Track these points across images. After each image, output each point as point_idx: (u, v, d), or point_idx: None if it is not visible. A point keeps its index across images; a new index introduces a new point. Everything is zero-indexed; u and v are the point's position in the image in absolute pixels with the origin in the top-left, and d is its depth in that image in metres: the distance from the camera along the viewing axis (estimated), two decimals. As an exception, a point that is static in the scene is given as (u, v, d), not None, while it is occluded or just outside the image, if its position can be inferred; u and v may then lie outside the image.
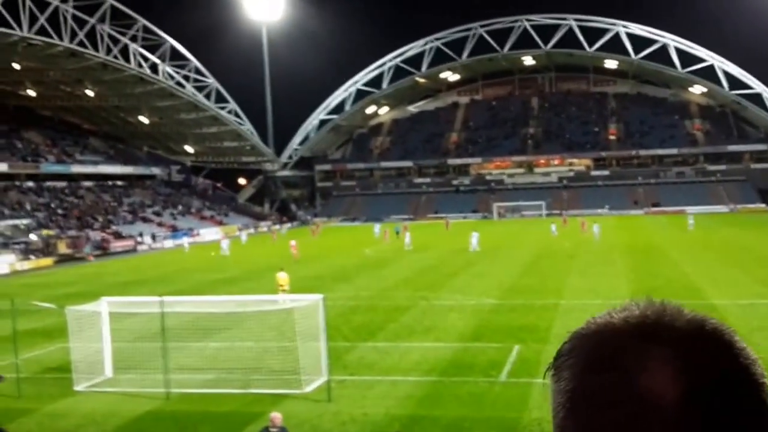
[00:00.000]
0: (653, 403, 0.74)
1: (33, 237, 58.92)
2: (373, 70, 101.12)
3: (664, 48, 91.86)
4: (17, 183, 71.26)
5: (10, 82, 75.21)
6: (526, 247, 47.06)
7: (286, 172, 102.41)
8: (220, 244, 54.73)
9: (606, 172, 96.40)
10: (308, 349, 16.86)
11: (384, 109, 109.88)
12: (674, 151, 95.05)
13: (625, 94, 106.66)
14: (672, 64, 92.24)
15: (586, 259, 39.32)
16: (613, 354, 0.78)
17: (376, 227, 66.49)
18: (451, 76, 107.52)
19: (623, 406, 0.75)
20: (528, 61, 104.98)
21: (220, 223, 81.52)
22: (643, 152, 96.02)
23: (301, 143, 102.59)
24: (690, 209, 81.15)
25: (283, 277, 26.96)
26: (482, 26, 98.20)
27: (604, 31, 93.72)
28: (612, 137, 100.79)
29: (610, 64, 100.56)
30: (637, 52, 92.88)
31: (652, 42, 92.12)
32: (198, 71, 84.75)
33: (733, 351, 0.79)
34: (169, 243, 63.41)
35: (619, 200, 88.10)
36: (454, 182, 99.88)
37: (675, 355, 0.76)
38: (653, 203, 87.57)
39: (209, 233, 71.14)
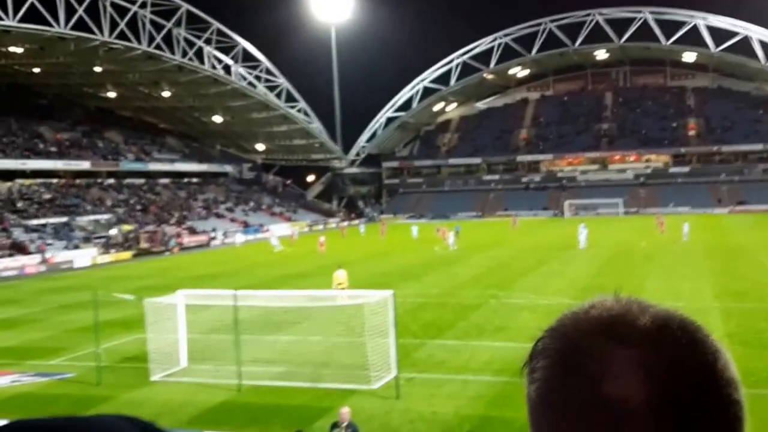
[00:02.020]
0: (620, 407, 0.73)
1: (113, 231, 61.16)
2: (441, 67, 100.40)
3: (746, 40, 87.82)
4: (99, 180, 74.15)
5: (92, 84, 78.28)
6: (601, 246, 45.74)
7: (353, 169, 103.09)
8: (270, 241, 56.53)
9: (686, 169, 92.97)
10: (377, 345, 16.81)
11: (452, 106, 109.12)
12: (759, 146, 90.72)
13: (705, 88, 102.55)
14: (755, 56, 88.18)
15: (666, 260, 37.91)
16: (580, 356, 0.77)
17: (414, 229, 62.03)
18: (521, 72, 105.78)
19: (592, 412, 0.74)
20: (601, 55, 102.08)
21: (290, 220, 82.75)
22: (725, 148, 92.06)
23: (369, 141, 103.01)
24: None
25: (341, 275, 26.65)
26: (552, 21, 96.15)
27: (682, 23, 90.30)
28: (691, 132, 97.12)
29: (689, 57, 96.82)
30: (717, 45, 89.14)
31: (733, 34, 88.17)
32: (269, 72, 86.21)
33: (698, 347, 0.77)
34: (241, 238, 65.06)
35: (700, 198, 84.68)
36: (524, 179, 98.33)
37: (639, 355, 0.75)
38: (738, 201, 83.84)
39: (279, 229, 72.46)
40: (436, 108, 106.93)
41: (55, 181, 69.50)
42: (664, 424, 0.72)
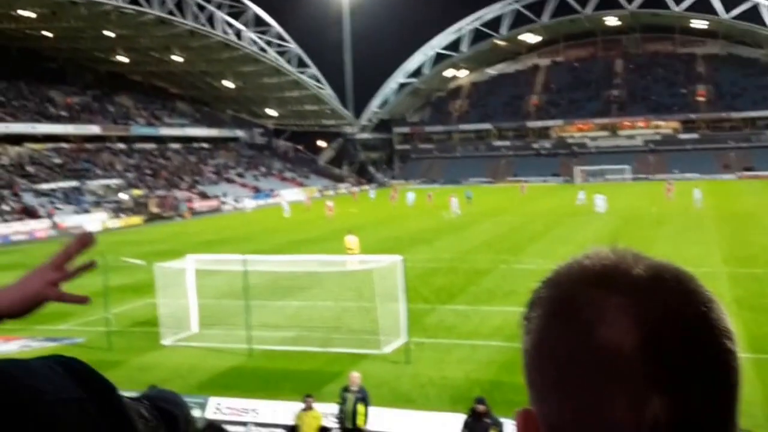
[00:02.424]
0: (612, 354, 0.72)
1: (123, 196, 61.34)
2: (452, 33, 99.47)
3: (755, 7, 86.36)
4: (109, 145, 74.16)
5: (103, 48, 77.94)
6: (610, 212, 45.54)
7: (365, 135, 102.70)
8: (282, 206, 56.75)
9: (695, 135, 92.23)
10: (387, 310, 16.88)
11: (463, 72, 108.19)
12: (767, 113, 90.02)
13: (715, 55, 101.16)
14: (764, 24, 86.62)
15: (676, 225, 37.67)
16: (572, 305, 0.77)
17: (410, 195, 60.28)
18: (532, 38, 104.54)
19: (584, 359, 0.74)
20: (611, 21, 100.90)
21: (301, 185, 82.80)
22: (734, 114, 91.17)
23: (380, 106, 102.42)
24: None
25: (352, 241, 26.73)
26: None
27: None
28: (701, 99, 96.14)
29: (699, 24, 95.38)
30: (727, 12, 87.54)
31: (742, 1, 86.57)
32: (280, 37, 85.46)
33: (691, 297, 0.76)
34: (251, 203, 65.23)
35: (708, 164, 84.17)
36: (535, 145, 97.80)
37: (631, 303, 0.74)
38: (745, 167, 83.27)
39: (290, 194, 72.59)
40: (448, 74, 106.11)
41: (65, 145, 69.54)
42: (656, 371, 0.71)
